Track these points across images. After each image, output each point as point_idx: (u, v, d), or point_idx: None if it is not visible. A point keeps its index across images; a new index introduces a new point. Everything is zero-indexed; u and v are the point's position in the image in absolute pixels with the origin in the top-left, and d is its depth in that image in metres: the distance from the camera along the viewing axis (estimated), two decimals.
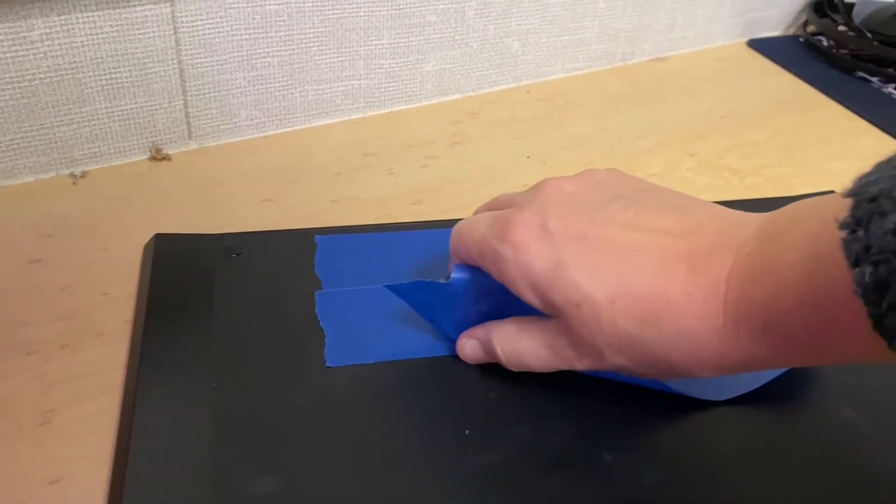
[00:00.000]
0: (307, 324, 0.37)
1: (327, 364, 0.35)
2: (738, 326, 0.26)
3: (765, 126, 0.59)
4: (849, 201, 0.22)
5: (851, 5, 0.72)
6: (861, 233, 0.21)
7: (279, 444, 0.31)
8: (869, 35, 0.67)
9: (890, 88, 0.66)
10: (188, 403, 0.32)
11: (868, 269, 0.21)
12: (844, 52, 0.69)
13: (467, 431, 0.32)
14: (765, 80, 0.67)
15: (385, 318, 0.37)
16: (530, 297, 0.30)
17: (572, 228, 0.30)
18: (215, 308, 0.37)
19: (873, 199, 0.21)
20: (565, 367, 0.31)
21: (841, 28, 0.70)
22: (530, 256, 0.30)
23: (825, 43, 0.72)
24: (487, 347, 0.34)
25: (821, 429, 0.33)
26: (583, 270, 0.29)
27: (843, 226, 0.22)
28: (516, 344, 0.33)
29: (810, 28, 0.75)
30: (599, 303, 0.28)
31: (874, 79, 0.67)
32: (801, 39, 0.74)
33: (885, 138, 0.59)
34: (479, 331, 0.34)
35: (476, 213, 0.38)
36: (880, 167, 0.23)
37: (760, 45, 0.73)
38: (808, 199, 0.27)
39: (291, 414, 0.32)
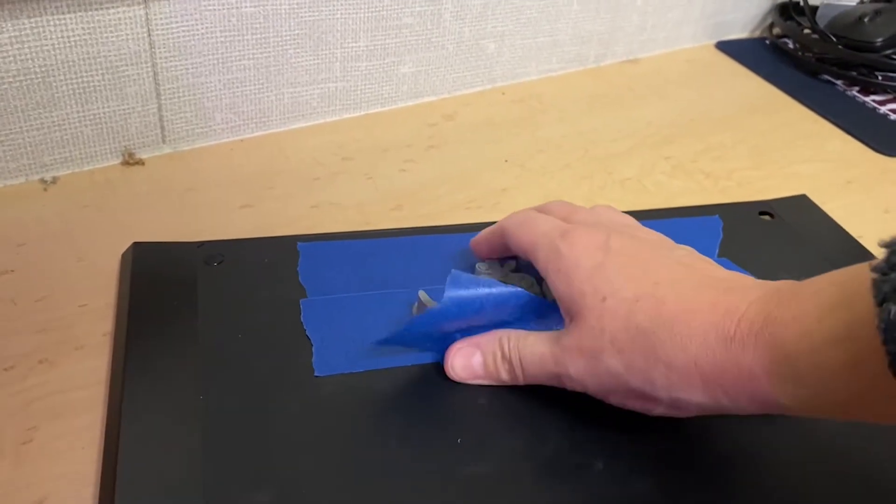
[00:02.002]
0: (293, 333, 0.36)
1: (315, 374, 0.34)
2: (747, 342, 0.27)
3: (734, 128, 0.60)
4: (883, 251, 0.24)
5: (816, 8, 0.73)
6: (893, 275, 0.23)
7: (270, 457, 0.31)
8: (833, 39, 0.69)
9: (854, 91, 0.68)
10: (175, 418, 0.32)
11: (893, 308, 0.22)
12: (809, 54, 0.71)
13: (459, 440, 0.32)
14: (733, 83, 0.69)
15: (372, 326, 0.37)
16: (562, 288, 0.32)
17: (630, 249, 0.32)
18: (199, 318, 0.36)
19: None
20: (555, 373, 0.32)
21: (806, 31, 0.72)
22: (582, 255, 0.32)
23: (791, 45, 0.73)
24: (488, 349, 0.34)
25: (807, 432, 0.34)
26: (621, 273, 0.31)
27: (874, 269, 0.23)
28: (521, 341, 0.33)
29: (776, 31, 0.76)
30: (625, 298, 0.30)
31: (838, 81, 0.69)
32: (768, 42, 0.76)
33: (850, 141, 0.60)
34: (479, 338, 0.35)
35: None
36: None
37: (728, 47, 0.74)
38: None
39: (281, 425, 0.32)
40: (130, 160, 0.48)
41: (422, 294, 0.37)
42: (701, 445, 0.33)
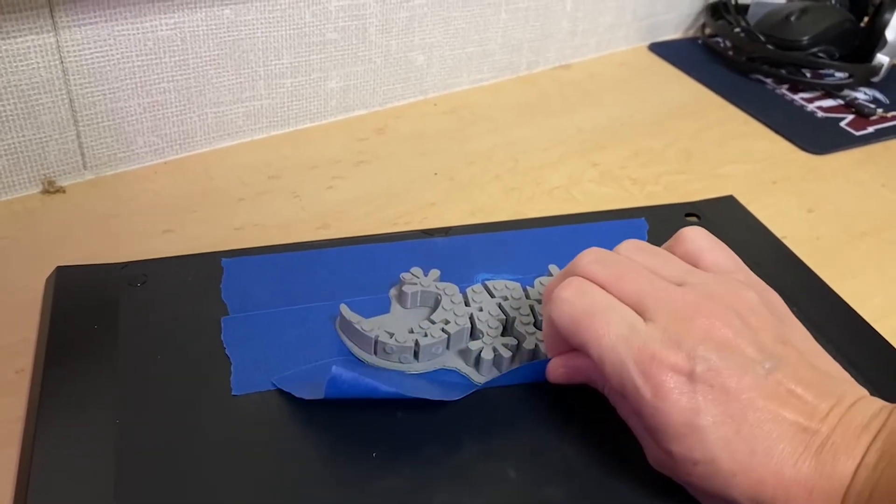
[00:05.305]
0: (213, 352, 0.36)
1: (233, 393, 0.34)
2: None
3: (665, 132, 0.61)
4: None
5: (747, 7, 0.74)
6: None
7: (185, 481, 0.31)
8: (761, 38, 0.70)
9: (783, 89, 0.69)
10: (90, 445, 0.32)
11: None
12: (740, 54, 0.72)
13: (374, 454, 0.33)
14: (665, 85, 0.69)
15: (292, 342, 0.37)
16: (648, 436, 0.31)
17: (718, 383, 0.29)
18: (119, 341, 0.36)
19: None
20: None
21: (736, 30, 0.73)
22: (668, 404, 0.29)
23: (722, 45, 0.74)
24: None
25: None
26: (716, 437, 0.28)
27: None
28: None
29: (708, 30, 0.77)
30: (720, 470, 0.29)
31: (768, 80, 0.70)
32: (700, 42, 0.77)
33: (778, 140, 0.61)
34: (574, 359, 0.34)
35: (583, 264, 0.33)
36: None
37: (661, 49, 0.74)
38: None
39: (196, 448, 0.32)
40: (51, 188, 0.47)
41: (343, 308, 0.37)
42: (616, 451, 0.34)
